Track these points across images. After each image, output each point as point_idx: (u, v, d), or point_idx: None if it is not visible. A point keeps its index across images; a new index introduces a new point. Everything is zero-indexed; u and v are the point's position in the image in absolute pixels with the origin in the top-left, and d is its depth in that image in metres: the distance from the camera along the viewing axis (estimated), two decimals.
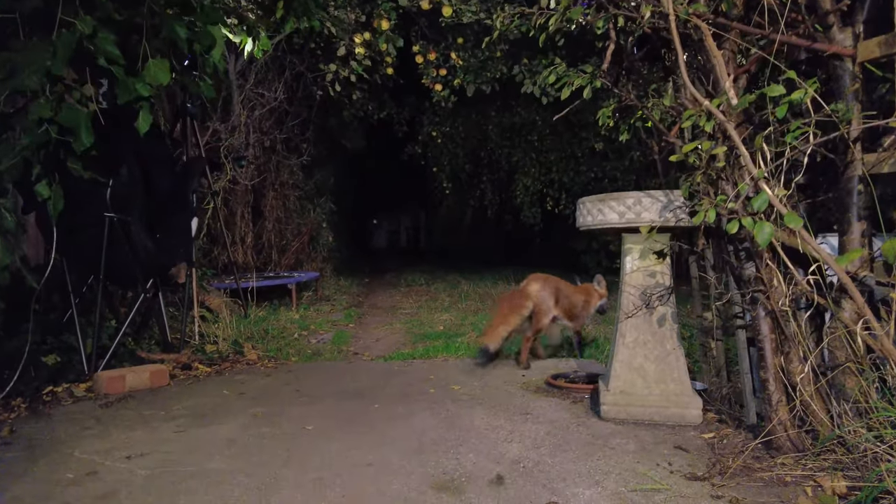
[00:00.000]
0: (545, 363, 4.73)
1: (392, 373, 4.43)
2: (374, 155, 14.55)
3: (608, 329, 5.99)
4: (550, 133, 11.76)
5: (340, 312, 7.77)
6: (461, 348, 5.17)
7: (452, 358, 4.93)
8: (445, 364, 4.71)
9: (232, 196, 9.21)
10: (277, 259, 9.93)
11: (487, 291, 9.37)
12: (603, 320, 6.04)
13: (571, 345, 5.10)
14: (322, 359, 5.06)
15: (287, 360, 4.91)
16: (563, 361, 4.83)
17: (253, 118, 8.85)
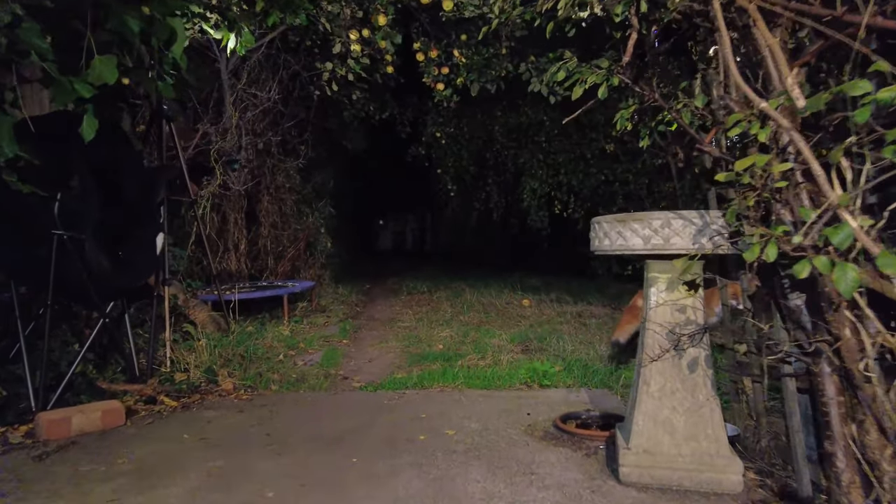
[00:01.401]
0: (556, 394, 4.17)
1: (380, 408, 3.89)
2: (377, 156, 14.02)
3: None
4: (559, 134, 11.17)
5: (335, 326, 7.24)
6: (460, 375, 4.61)
7: (450, 388, 4.38)
8: (442, 397, 4.16)
9: (224, 201, 8.71)
10: (273, 267, 9.43)
11: (492, 302, 8.81)
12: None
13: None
14: (306, 386, 4.53)
15: (266, 390, 4.38)
16: (575, 392, 4.27)
17: (245, 119, 8.33)
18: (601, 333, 6.35)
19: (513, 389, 4.37)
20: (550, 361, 5.12)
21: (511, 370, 4.77)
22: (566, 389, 4.37)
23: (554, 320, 7.33)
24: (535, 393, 4.27)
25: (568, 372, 4.75)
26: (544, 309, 8.17)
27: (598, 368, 4.84)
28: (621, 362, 4.96)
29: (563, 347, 5.70)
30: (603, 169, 10.58)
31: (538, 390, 4.35)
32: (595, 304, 8.63)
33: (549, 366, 4.68)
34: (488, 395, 4.21)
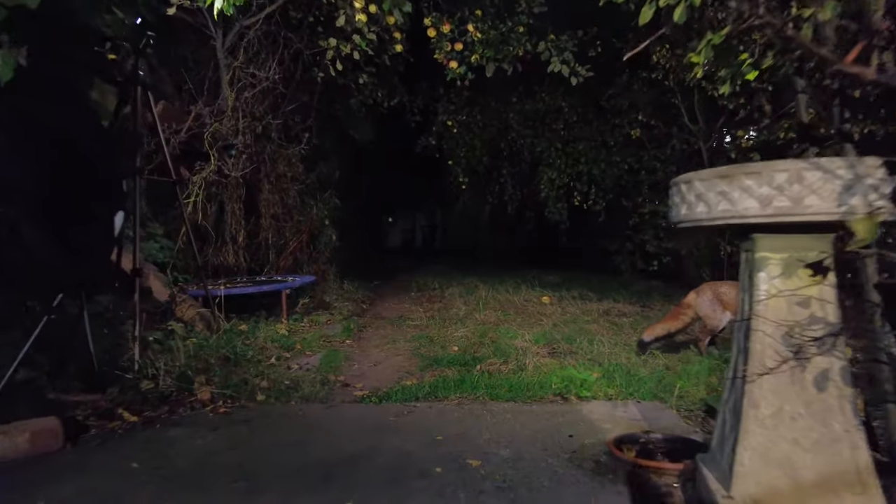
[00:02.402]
0: (599, 409, 3.37)
1: (385, 427, 3.11)
2: (385, 148, 13.26)
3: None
4: (578, 120, 10.37)
5: (338, 324, 6.47)
6: (480, 384, 3.82)
7: (469, 400, 3.60)
8: (460, 412, 3.38)
9: (221, 189, 7.97)
10: (275, 261, 8.68)
11: (509, 299, 8.01)
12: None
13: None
14: (298, 396, 3.76)
15: (250, 401, 3.62)
16: (622, 406, 3.47)
17: (243, 100, 7.59)
18: (637, 334, 5.55)
19: (545, 402, 3.58)
20: (585, 367, 4.33)
21: (541, 377, 3.98)
22: (610, 402, 3.58)
23: (580, 319, 6.52)
24: (574, 407, 3.48)
25: (608, 380, 3.95)
26: (567, 306, 7.36)
27: (643, 376, 4.05)
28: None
29: (596, 350, 4.90)
30: (627, 157, 9.75)
31: (577, 403, 3.56)
32: (621, 301, 7.82)
33: (586, 373, 3.88)
34: (517, 409, 3.42)
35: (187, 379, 3.69)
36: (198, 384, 3.66)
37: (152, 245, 6.30)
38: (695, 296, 4.79)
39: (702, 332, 4.75)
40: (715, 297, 4.68)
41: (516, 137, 11.06)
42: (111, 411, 3.18)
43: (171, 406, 3.38)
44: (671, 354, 4.76)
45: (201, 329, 5.50)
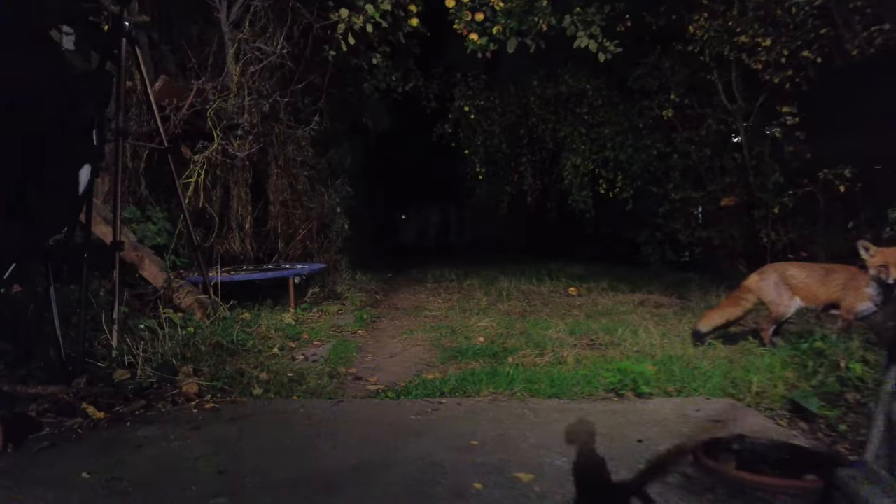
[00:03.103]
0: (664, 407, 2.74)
1: (405, 427, 2.50)
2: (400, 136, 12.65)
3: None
4: (604, 104, 9.69)
5: (350, 314, 5.88)
6: (516, 378, 3.19)
7: (505, 396, 2.98)
8: (496, 410, 2.76)
9: (226, 172, 7.42)
10: (283, 249, 8.11)
11: (533, 289, 7.38)
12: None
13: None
14: (302, 390, 3.16)
15: (244, 395, 3.02)
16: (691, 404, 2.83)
17: (248, 76, 7.02)
18: (686, 325, 4.90)
19: (597, 399, 2.95)
20: (635, 359, 3.69)
21: (586, 371, 3.34)
22: (675, 399, 2.95)
23: (615, 310, 5.88)
24: (633, 405, 2.85)
25: (666, 374, 3.31)
26: (597, 298, 6.71)
27: (706, 369, 3.40)
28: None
29: (643, 341, 4.26)
30: (656, 141, 9.06)
31: (635, 400, 2.93)
32: (655, 292, 7.15)
33: (640, 366, 3.24)
34: (564, 407, 2.80)
35: (171, 368, 3.10)
36: (183, 374, 3.07)
37: (149, 227, 5.75)
38: (757, 278, 4.13)
39: (766, 320, 4.09)
40: (781, 279, 4.01)
41: (537, 123, 10.40)
42: (73, 406, 2.59)
43: (148, 400, 2.79)
44: (729, 345, 4.12)
45: (199, 317, 4.94)
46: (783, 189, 7.09)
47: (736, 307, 4.15)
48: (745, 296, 4.13)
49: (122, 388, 2.78)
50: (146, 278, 5.28)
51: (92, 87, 2.78)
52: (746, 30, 6.57)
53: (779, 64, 6.65)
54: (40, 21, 2.85)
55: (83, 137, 2.69)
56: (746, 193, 7.77)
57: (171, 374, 3.03)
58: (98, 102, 2.80)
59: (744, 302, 4.13)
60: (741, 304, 4.14)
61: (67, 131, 2.59)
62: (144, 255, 5.25)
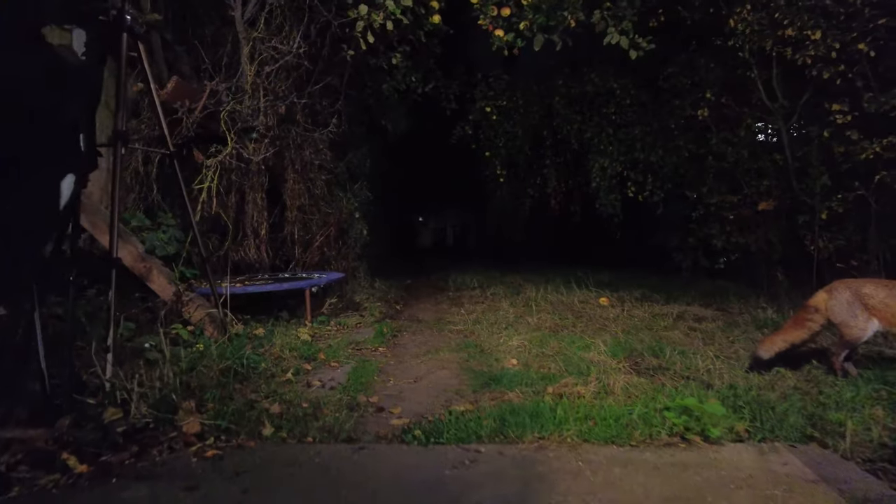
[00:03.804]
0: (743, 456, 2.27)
1: (440, 489, 2.07)
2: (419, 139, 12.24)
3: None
4: (632, 103, 9.19)
5: (370, 328, 5.47)
6: (564, 417, 2.74)
7: (553, 443, 2.52)
8: (544, 460, 2.32)
9: (241, 177, 7.07)
10: (300, 256, 7.74)
11: (561, 299, 6.91)
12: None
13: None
14: (318, 428, 2.74)
15: (252, 437, 2.60)
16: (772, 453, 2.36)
17: (263, 76, 6.65)
18: (739, 345, 4.41)
19: (659, 445, 2.49)
20: (689, 388, 3.23)
21: (643, 406, 2.88)
22: (752, 446, 2.48)
23: (653, 325, 5.40)
24: (706, 455, 2.39)
25: (732, 410, 2.84)
26: (631, 310, 6.23)
27: (777, 405, 2.93)
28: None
29: (694, 365, 3.79)
30: (689, 142, 8.53)
31: (705, 448, 2.46)
32: (693, 304, 6.64)
33: (711, 404, 2.76)
34: (626, 458, 2.35)
35: (170, 405, 2.70)
36: (184, 412, 2.66)
37: (158, 235, 5.38)
38: (826, 297, 3.63)
39: (837, 345, 3.59)
40: (856, 298, 3.51)
41: (562, 124, 9.92)
42: (53, 455, 2.20)
43: (141, 445, 2.39)
44: (793, 371, 3.63)
45: (211, 333, 4.58)
46: (831, 193, 6.55)
47: (801, 329, 3.66)
48: (812, 316, 3.64)
49: (112, 430, 2.38)
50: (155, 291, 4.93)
51: (76, 85, 2.38)
52: (794, 21, 6.04)
53: (829, 58, 6.12)
54: (37, 20, 2.48)
55: (66, 142, 2.29)
56: (789, 198, 7.21)
57: (169, 411, 2.62)
58: (84, 103, 2.40)
59: (810, 323, 3.64)
60: (807, 325, 3.65)
61: (45, 135, 2.19)
62: (152, 267, 4.88)
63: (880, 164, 5.98)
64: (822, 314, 3.60)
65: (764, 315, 5.60)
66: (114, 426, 2.39)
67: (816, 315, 3.62)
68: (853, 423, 2.62)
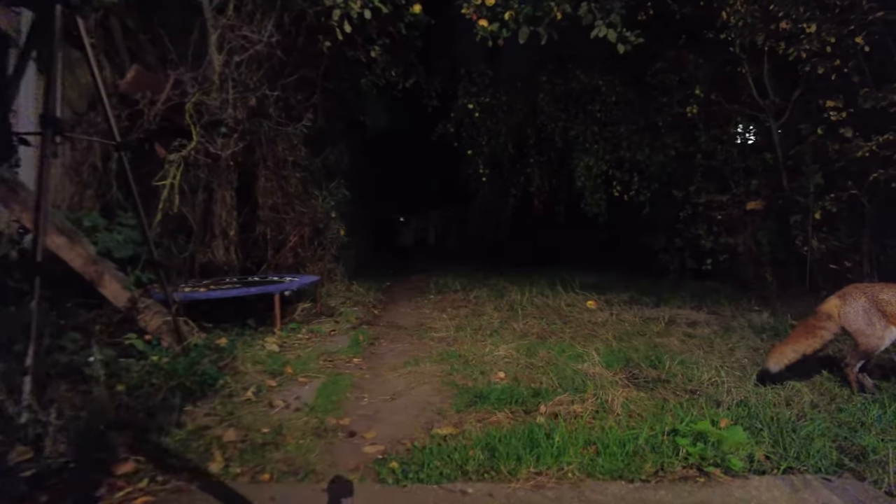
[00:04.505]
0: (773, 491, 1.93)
1: None
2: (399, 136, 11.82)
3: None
4: (618, 101, 8.88)
5: (345, 335, 5.06)
6: (563, 445, 2.36)
7: (552, 479, 2.15)
8: (544, 502, 1.94)
9: (209, 174, 6.60)
10: (273, 258, 7.27)
11: (547, 302, 6.56)
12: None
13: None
14: (279, 458, 2.34)
15: (196, 475, 2.18)
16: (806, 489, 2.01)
17: (232, 66, 6.18)
18: (740, 353, 4.09)
19: (675, 479, 2.14)
20: (695, 404, 2.88)
21: (649, 430, 2.52)
22: (779, 479, 2.13)
23: (646, 330, 5.07)
24: (729, 492, 2.04)
25: (749, 433, 2.49)
26: (620, 313, 5.91)
27: (797, 425, 2.59)
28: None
29: (697, 377, 3.46)
30: (677, 140, 8.25)
31: (727, 482, 2.11)
32: (684, 306, 6.35)
33: (721, 424, 2.41)
34: (638, 498, 1.99)
35: (99, 438, 2.26)
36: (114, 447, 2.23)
37: (113, 237, 4.90)
38: (839, 303, 3.32)
39: (852, 355, 3.28)
40: (872, 305, 3.20)
41: (546, 121, 9.57)
42: None
43: (53, 495, 1.95)
44: (803, 381, 3.32)
45: (168, 344, 4.13)
46: (824, 192, 6.30)
47: (812, 338, 3.34)
48: (824, 324, 3.32)
49: (17, 475, 1.94)
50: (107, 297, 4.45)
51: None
52: (789, 14, 5.76)
53: (823, 53, 5.86)
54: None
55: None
56: (780, 197, 6.95)
57: (97, 446, 2.19)
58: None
59: (822, 332, 3.32)
60: (819, 334, 3.33)
61: None
62: (104, 271, 4.41)
63: (875, 163, 5.72)
64: (836, 322, 3.28)
65: (760, 319, 5.31)
66: (20, 469, 1.95)
67: (829, 322, 3.30)
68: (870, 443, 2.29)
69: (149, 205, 5.86)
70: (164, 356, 3.67)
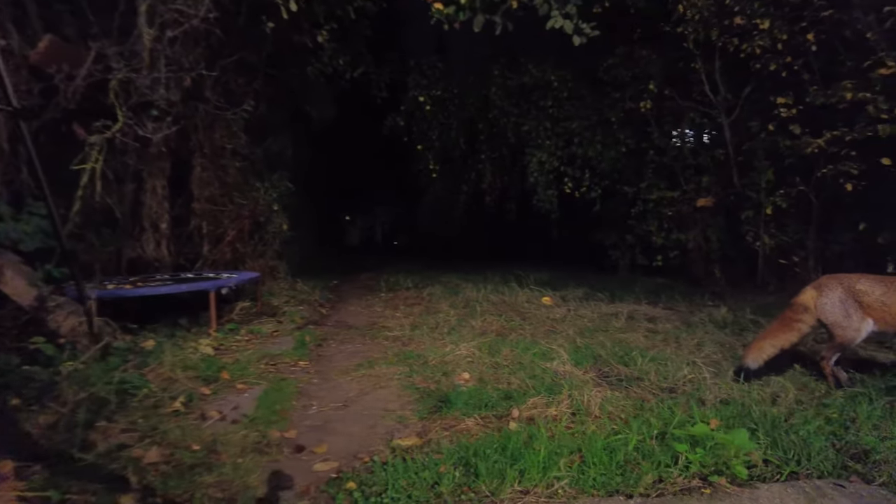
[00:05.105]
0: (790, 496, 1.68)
1: None
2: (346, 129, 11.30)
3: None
4: (570, 97, 8.75)
5: (289, 336, 4.60)
6: (549, 459, 2.05)
7: (541, 497, 1.83)
8: None
9: (138, 160, 5.99)
10: (209, 253, 6.69)
11: (504, 299, 6.30)
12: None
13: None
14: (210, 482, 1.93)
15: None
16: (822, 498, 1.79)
17: (165, 42, 5.58)
18: (709, 349, 3.92)
19: (678, 492, 1.86)
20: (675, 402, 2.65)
21: (636, 434, 2.25)
22: (791, 487, 1.90)
23: (607, 326, 4.88)
24: (741, 502, 1.79)
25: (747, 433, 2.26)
26: (578, 309, 5.71)
27: (790, 425, 2.39)
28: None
29: (669, 373, 3.26)
30: (629, 136, 8.19)
31: (736, 492, 1.87)
32: (641, 302, 6.23)
33: (737, 433, 2.15)
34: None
35: None
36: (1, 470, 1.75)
37: (20, 227, 4.27)
38: (815, 294, 3.17)
39: (828, 347, 3.14)
40: (849, 296, 3.07)
41: (499, 116, 9.34)
42: None
43: None
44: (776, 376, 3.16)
45: (84, 347, 3.59)
46: (775, 188, 6.32)
47: (790, 332, 3.18)
48: (801, 317, 3.17)
49: None
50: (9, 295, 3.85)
51: None
52: (744, 9, 5.72)
53: (775, 50, 5.86)
54: None
55: None
56: (732, 193, 6.96)
57: None
58: None
59: (799, 324, 3.17)
60: (796, 327, 3.18)
61: None
62: (5, 265, 3.80)
63: (823, 159, 5.77)
64: (812, 313, 3.14)
65: (719, 314, 5.22)
66: None
67: (806, 315, 3.15)
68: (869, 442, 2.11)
69: (69, 194, 5.25)
70: (77, 362, 3.15)
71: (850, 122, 5.38)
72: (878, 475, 2.00)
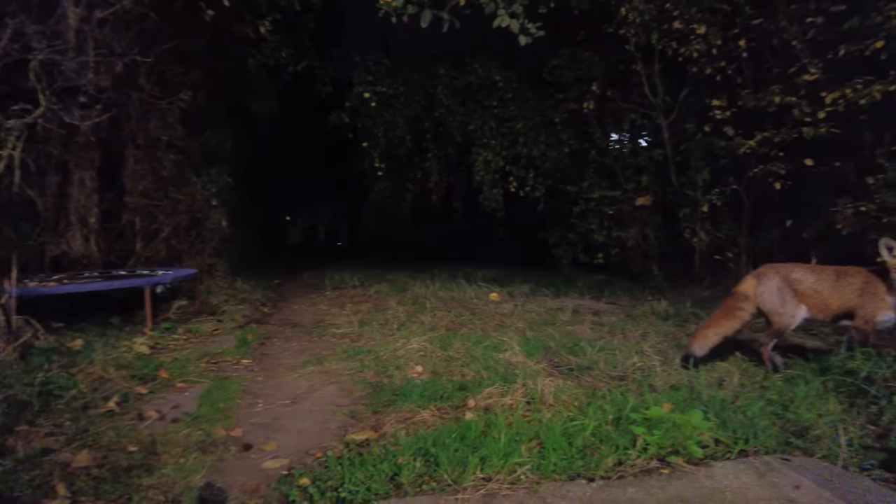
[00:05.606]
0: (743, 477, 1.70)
1: None
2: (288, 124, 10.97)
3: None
4: (514, 97, 8.83)
5: (230, 335, 4.38)
6: (511, 445, 2.01)
7: (504, 482, 1.79)
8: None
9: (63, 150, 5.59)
10: (143, 250, 6.32)
11: (452, 296, 6.27)
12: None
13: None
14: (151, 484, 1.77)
15: None
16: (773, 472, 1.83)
17: (93, 24, 5.22)
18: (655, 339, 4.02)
19: (638, 473, 1.87)
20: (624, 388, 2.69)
21: (592, 420, 2.25)
22: (742, 463, 1.94)
23: (554, 319, 4.93)
24: (699, 481, 1.81)
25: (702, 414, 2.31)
26: (525, 304, 5.77)
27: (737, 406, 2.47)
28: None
29: (617, 362, 3.30)
30: (572, 136, 8.35)
31: (694, 471, 1.89)
32: (585, 297, 6.35)
33: (692, 414, 2.19)
34: (606, 498, 1.68)
35: None
36: None
37: None
38: (755, 283, 3.30)
39: (766, 334, 3.28)
40: (785, 284, 3.21)
41: (445, 114, 9.31)
42: None
43: None
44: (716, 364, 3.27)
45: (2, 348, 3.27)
46: (711, 187, 6.59)
47: (733, 319, 3.30)
48: (742, 305, 3.30)
49: None
50: None
51: None
52: (683, 14, 5.94)
53: (710, 54, 6.12)
54: None
55: None
56: (671, 192, 7.21)
57: None
58: None
59: (741, 312, 3.29)
60: (738, 315, 3.30)
61: None
62: None
63: (754, 159, 6.06)
64: (752, 301, 3.26)
65: (660, 307, 5.37)
66: None
67: (746, 303, 3.27)
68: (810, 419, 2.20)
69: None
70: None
71: (778, 125, 5.68)
72: (817, 449, 2.08)
